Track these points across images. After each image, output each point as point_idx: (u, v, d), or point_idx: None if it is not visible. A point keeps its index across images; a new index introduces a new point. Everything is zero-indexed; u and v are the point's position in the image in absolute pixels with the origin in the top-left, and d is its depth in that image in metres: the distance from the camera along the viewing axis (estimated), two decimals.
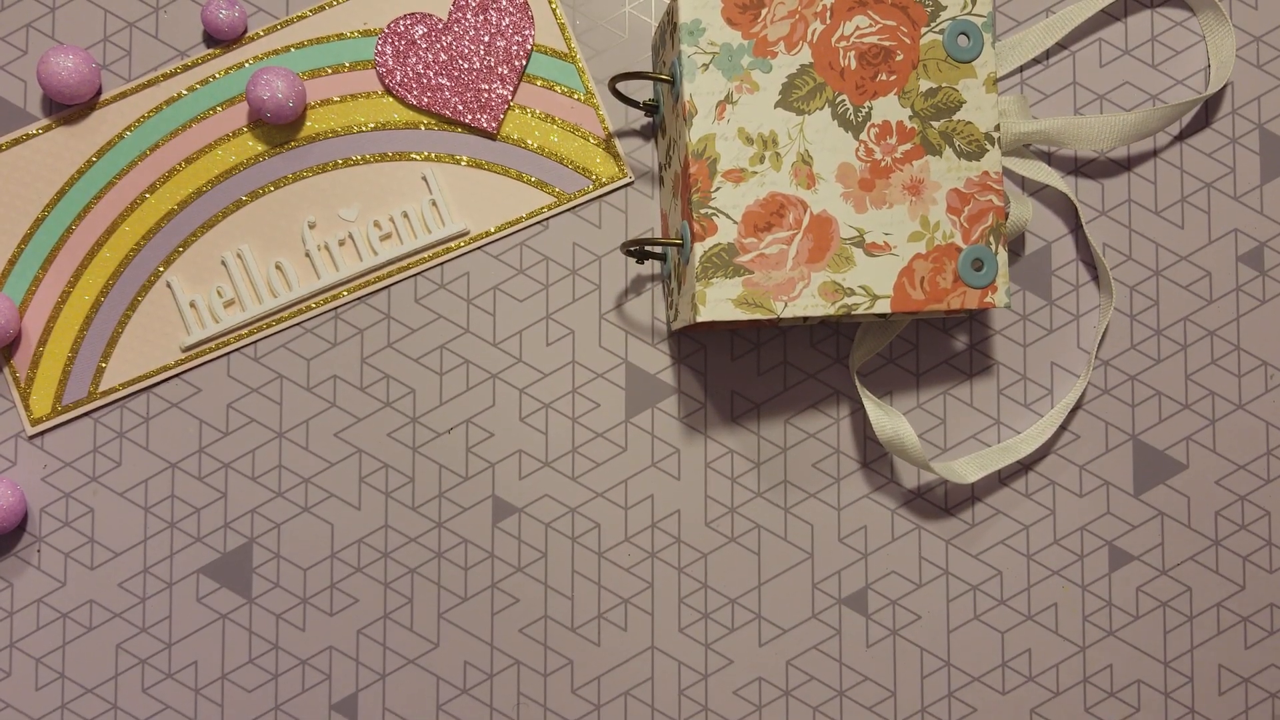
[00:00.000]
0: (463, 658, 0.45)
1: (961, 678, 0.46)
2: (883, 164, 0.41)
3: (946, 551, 0.46)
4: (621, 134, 0.47)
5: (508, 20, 0.46)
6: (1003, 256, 0.41)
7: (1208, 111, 0.48)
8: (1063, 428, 0.47)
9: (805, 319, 0.42)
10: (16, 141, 0.46)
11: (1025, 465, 0.47)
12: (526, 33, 0.46)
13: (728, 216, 0.40)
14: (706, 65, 0.40)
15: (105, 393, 0.45)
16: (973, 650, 0.46)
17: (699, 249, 0.40)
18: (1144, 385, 0.47)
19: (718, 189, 0.40)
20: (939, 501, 0.46)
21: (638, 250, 0.44)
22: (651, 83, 0.46)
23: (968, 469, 0.45)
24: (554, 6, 0.47)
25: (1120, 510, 0.47)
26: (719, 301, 0.40)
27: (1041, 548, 0.46)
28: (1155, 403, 0.47)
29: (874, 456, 0.46)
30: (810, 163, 0.41)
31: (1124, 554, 0.47)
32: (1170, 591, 0.47)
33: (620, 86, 0.46)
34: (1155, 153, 0.47)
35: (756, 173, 0.40)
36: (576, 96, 0.46)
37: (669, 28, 0.42)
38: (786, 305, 0.40)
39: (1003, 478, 0.46)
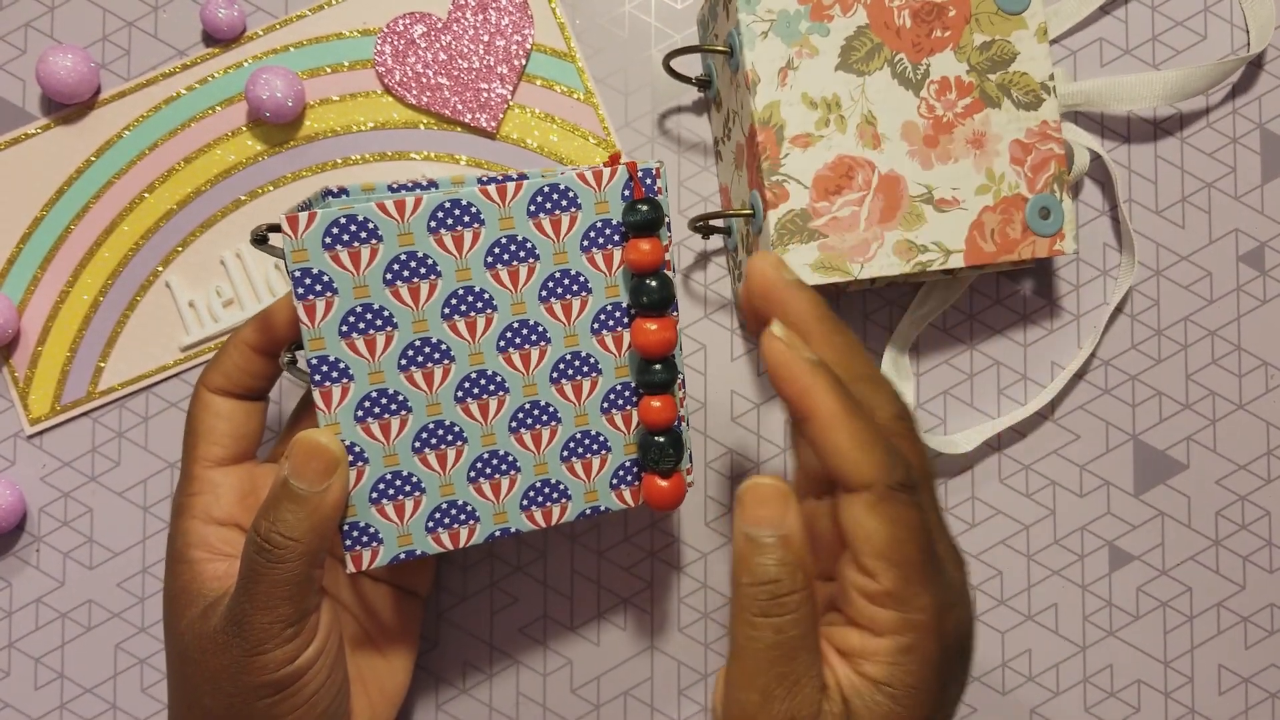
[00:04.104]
0: (462, 658, 0.45)
1: None
2: (945, 119, 0.41)
3: None
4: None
5: (507, 19, 0.46)
6: (1068, 204, 0.42)
7: (1208, 110, 0.47)
8: (1060, 424, 0.47)
9: (873, 281, 0.42)
10: (15, 141, 0.46)
11: (1025, 465, 0.46)
12: (526, 32, 0.46)
13: (798, 182, 0.40)
14: (766, 33, 0.40)
15: (104, 392, 0.45)
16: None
17: (773, 216, 0.40)
18: (1144, 385, 0.47)
19: (786, 155, 0.40)
20: (939, 501, 0.46)
21: (703, 225, 0.44)
22: (700, 58, 0.46)
23: (963, 439, 0.45)
24: (553, 6, 0.47)
25: (1120, 510, 0.47)
26: (797, 267, 0.40)
27: (1042, 548, 0.46)
28: (1156, 403, 0.47)
29: None
30: (874, 123, 0.41)
31: (1124, 554, 0.47)
32: (1170, 591, 0.47)
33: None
34: (1156, 152, 0.47)
35: (823, 136, 0.40)
36: (576, 96, 0.46)
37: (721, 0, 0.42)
38: (863, 267, 0.40)
39: (1003, 478, 0.46)
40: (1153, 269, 0.47)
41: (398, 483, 0.36)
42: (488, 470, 0.36)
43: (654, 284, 0.36)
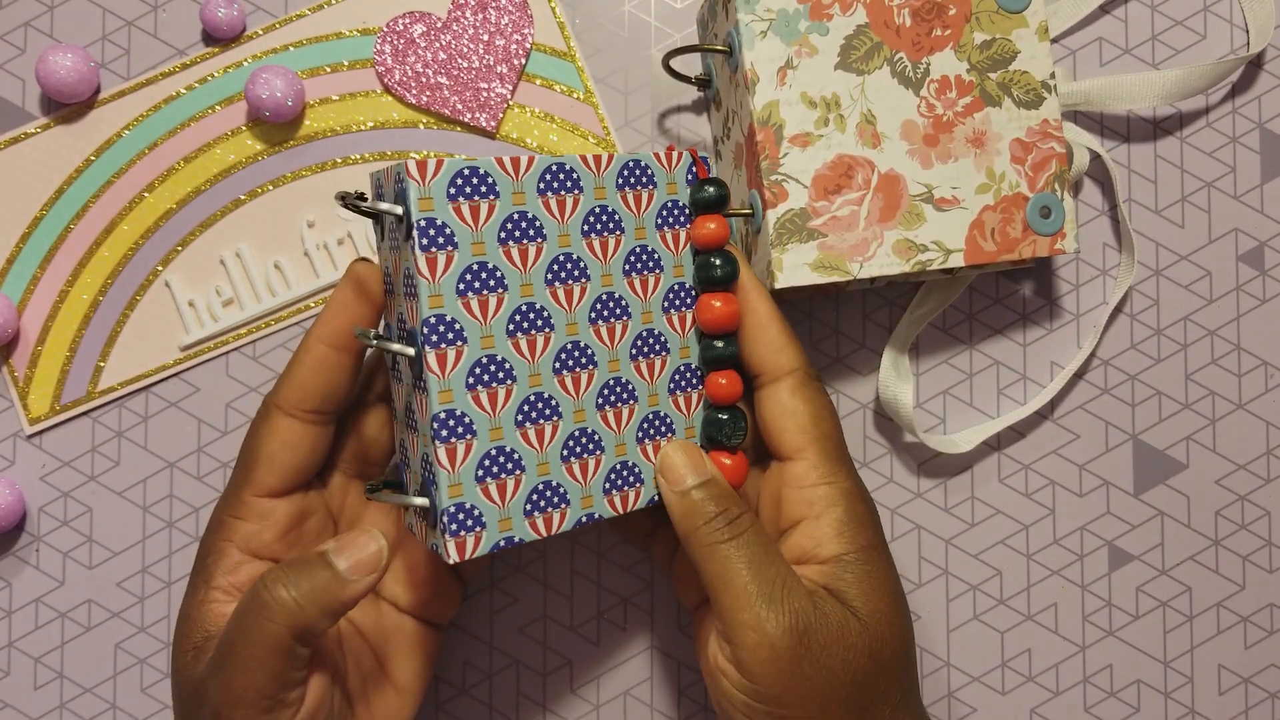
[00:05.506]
0: (462, 657, 0.45)
1: (961, 678, 0.46)
2: (944, 118, 0.41)
3: (946, 551, 0.46)
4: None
5: (507, 19, 0.46)
6: (1069, 202, 0.42)
7: (1208, 109, 0.47)
8: (1060, 423, 0.47)
9: (873, 280, 0.43)
10: (15, 140, 0.46)
11: (1025, 465, 0.46)
12: (525, 31, 0.46)
13: (797, 181, 0.40)
14: (765, 32, 0.40)
15: (104, 392, 0.45)
16: (973, 650, 0.46)
17: (772, 216, 0.40)
18: (1144, 385, 0.47)
19: (785, 155, 0.40)
20: (939, 501, 0.46)
21: None
22: (700, 58, 0.46)
23: (963, 439, 0.45)
24: (553, 5, 0.47)
25: (1120, 510, 0.47)
26: (796, 267, 0.40)
27: (1041, 547, 0.46)
28: (1155, 402, 0.47)
29: (874, 456, 0.46)
30: (874, 122, 0.41)
31: (1124, 554, 0.47)
32: (1170, 591, 0.47)
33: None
34: (1155, 152, 0.47)
35: (822, 135, 0.40)
36: (575, 95, 0.46)
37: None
38: (862, 266, 0.40)
39: (1003, 478, 0.46)
40: (1152, 268, 0.47)
41: (501, 459, 0.34)
42: (578, 449, 0.36)
43: (719, 260, 0.37)
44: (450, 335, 0.34)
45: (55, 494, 0.45)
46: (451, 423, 0.34)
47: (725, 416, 0.37)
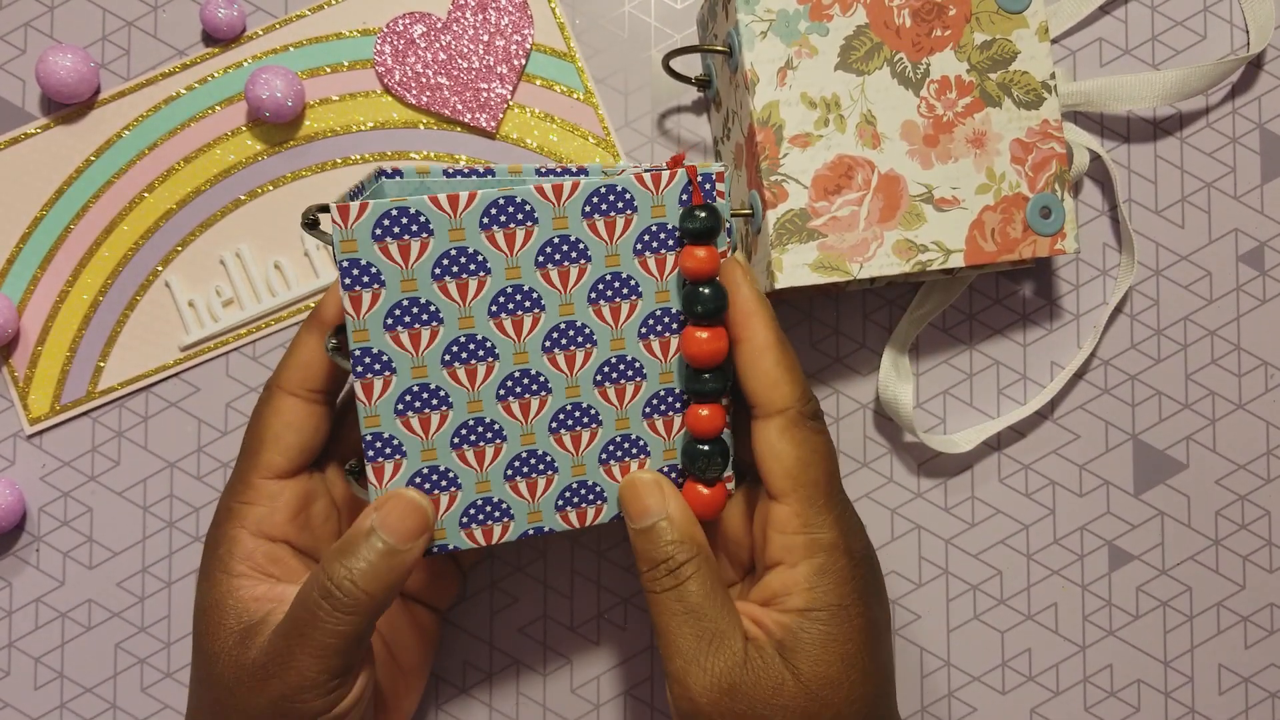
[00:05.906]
0: (462, 657, 0.45)
1: (961, 677, 0.46)
2: (945, 119, 0.41)
3: (946, 551, 0.46)
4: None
5: (507, 19, 0.46)
6: (1069, 203, 0.42)
7: (1208, 110, 0.47)
8: (1060, 423, 0.47)
9: (873, 280, 0.42)
10: (15, 141, 0.46)
11: (1025, 465, 0.46)
12: (525, 32, 0.46)
13: (797, 182, 0.40)
14: (765, 32, 0.40)
15: (104, 392, 0.45)
16: (973, 650, 0.46)
17: (772, 216, 0.40)
18: (1144, 385, 0.47)
19: (785, 155, 0.40)
20: (939, 501, 0.46)
21: None
22: (700, 58, 0.46)
23: (963, 439, 0.45)
24: (553, 6, 0.47)
25: (1120, 510, 0.47)
26: (796, 267, 0.40)
27: (1041, 547, 0.46)
28: (1155, 402, 0.47)
29: (874, 456, 0.46)
30: (874, 123, 0.41)
31: (1124, 553, 0.47)
32: (1170, 591, 0.47)
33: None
34: (1155, 152, 0.47)
35: (822, 136, 0.40)
36: (576, 95, 0.46)
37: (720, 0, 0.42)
38: (862, 266, 0.40)
39: (1003, 477, 0.46)
40: (1152, 269, 0.47)
41: (434, 477, 0.35)
42: (525, 469, 0.36)
43: (708, 292, 0.35)
44: (377, 366, 0.35)
45: (55, 494, 0.45)
46: (379, 444, 0.35)
47: (705, 448, 0.36)
